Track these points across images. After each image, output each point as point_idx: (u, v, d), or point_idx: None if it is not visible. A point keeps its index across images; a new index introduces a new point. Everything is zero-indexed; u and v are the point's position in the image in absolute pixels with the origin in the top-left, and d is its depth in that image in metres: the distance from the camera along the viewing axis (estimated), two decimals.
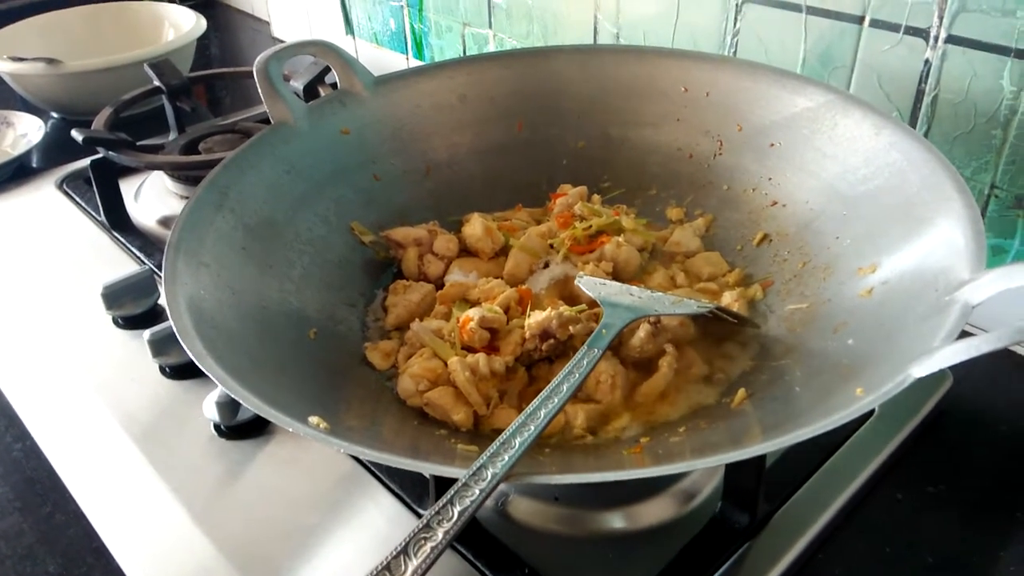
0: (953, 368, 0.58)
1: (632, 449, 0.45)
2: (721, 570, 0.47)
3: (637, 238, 0.62)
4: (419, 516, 0.51)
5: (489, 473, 0.37)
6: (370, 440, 0.39)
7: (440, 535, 0.34)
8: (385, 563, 0.33)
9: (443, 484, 0.47)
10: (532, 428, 0.39)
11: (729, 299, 0.56)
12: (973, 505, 0.53)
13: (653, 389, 0.51)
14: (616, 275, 0.59)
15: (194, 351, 0.41)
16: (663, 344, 0.53)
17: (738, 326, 0.54)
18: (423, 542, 0.34)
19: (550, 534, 0.50)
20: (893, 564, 0.49)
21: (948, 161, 0.49)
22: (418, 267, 0.62)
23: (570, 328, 0.52)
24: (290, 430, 0.38)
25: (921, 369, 0.36)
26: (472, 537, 0.49)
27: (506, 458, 0.37)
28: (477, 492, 0.36)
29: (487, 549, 0.49)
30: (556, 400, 0.42)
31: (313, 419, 0.39)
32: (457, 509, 0.35)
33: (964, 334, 0.37)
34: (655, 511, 0.51)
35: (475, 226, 0.62)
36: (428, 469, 0.38)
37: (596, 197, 0.67)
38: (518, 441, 0.38)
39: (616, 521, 0.51)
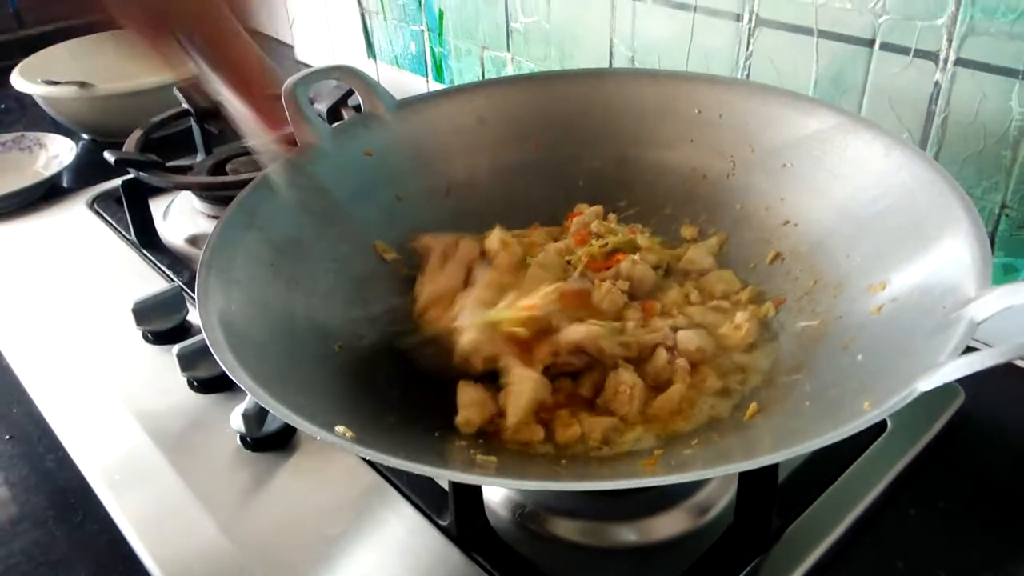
0: (965, 384, 0.60)
1: (647, 461, 0.46)
2: None
3: (652, 256, 0.63)
4: (439, 528, 0.52)
5: None
6: (392, 448, 0.40)
7: None
8: None
9: (461, 492, 0.49)
10: None
11: (741, 319, 0.57)
12: (986, 520, 0.53)
13: (668, 403, 0.52)
14: (632, 292, 0.60)
15: (226, 363, 0.43)
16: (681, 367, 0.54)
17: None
18: None
19: (567, 545, 0.51)
20: None
21: (956, 182, 0.50)
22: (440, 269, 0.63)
23: (603, 346, 0.53)
24: (318, 439, 0.39)
25: (927, 383, 0.37)
26: (490, 547, 0.50)
27: None
28: None
29: (505, 559, 0.50)
30: None
31: (339, 428, 0.41)
32: None
33: (971, 350, 0.38)
34: (670, 524, 0.52)
35: (493, 238, 0.63)
36: (448, 476, 0.39)
37: (612, 216, 0.69)
38: None
39: (631, 534, 0.52)
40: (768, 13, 0.72)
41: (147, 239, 0.86)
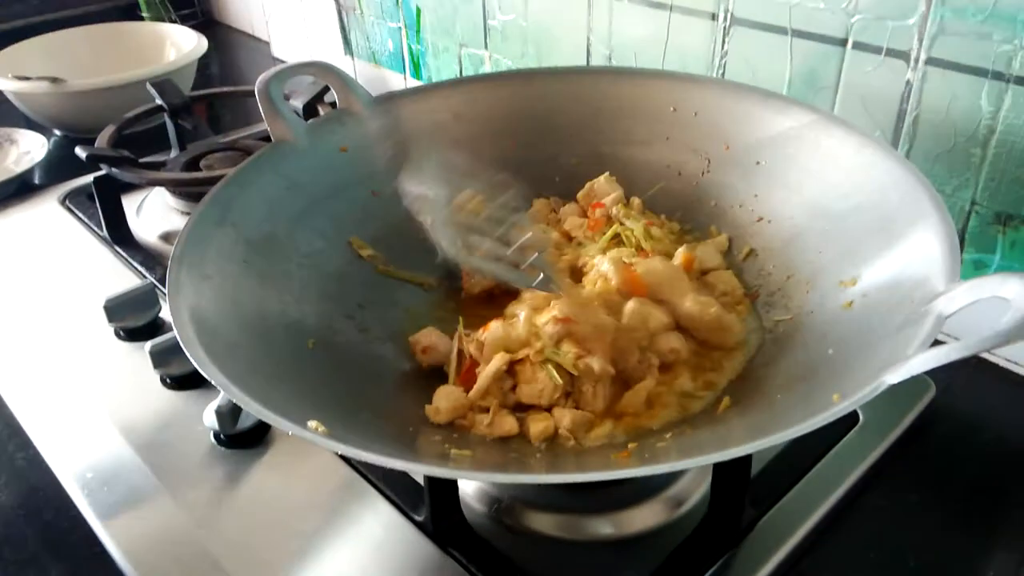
0: (936, 378, 0.61)
1: (620, 453, 0.46)
2: (708, 574, 0.48)
3: (660, 246, 0.62)
4: (414, 523, 0.52)
5: None
6: (366, 443, 0.40)
7: None
8: None
9: (436, 486, 0.49)
10: None
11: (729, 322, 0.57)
12: (955, 512, 0.54)
13: (635, 399, 0.52)
14: None
15: (197, 359, 0.43)
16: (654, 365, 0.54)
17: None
18: None
19: (543, 538, 0.51)
20: (876, 570, 0.50)
21: (926, 179, 0.51)
22: None
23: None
24: (290, 433, 0.39)
25: (894, 376, 0.37)
26: (466, 542, 0.50)
27: None
28: None
29: (481, 554, 0.50)
30: None
31: (311, 423, 0.40)
32: None
33: (939, 343, 0.39)
34: (644, 517, 0.52)
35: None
36: (422, 470, 0.39)
37: (636, 200, 0.67)
38: None
39: (607, 527, 0.52)
40: (743, 12, 0.73)
41: (120, 236, 0.85)
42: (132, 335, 0.70)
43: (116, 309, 0.70)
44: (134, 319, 0.71)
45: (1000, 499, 0.55)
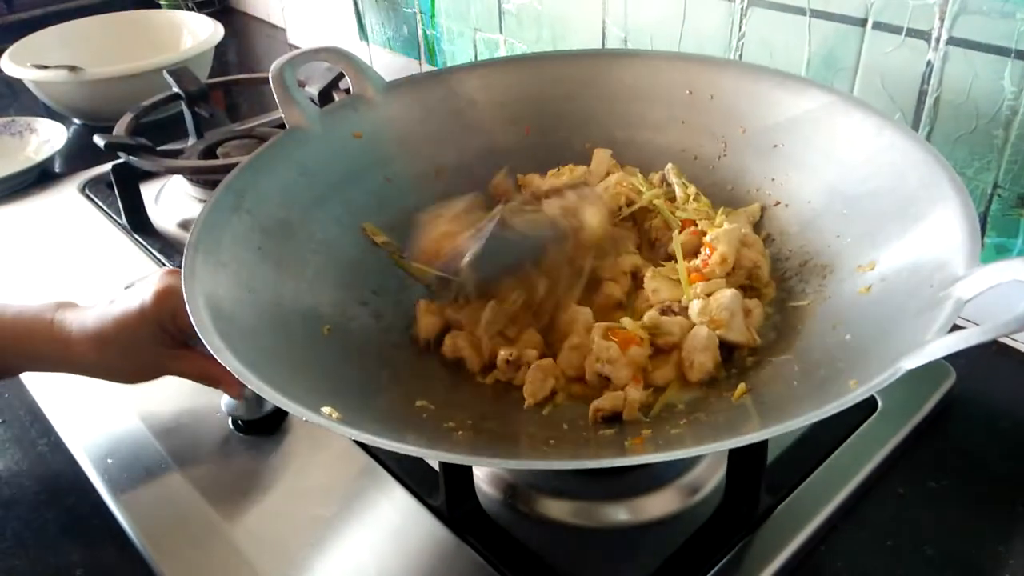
0: (956, 364, 0.60)
1: (634, 440, 0.46)
2: (724, 561, 0.48)
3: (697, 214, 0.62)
4: (430, 508, 0.52)
5: None
6: (380, 429, 0.40)
7: None
8: None
9: (451, 472, 0.49)
10: None
11: (750, 305, 0.56)
12: (975, 500, 0.54)
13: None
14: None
15: (213, 345, 0.43)
16: None
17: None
18: None
19: (558, 525, 0.52)
20: (894, 557, 0.50)
21: (946, 161, 0.50)
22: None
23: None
24: (304, 419, 0.39)
25: (911, 362, 0.37)
26: (481, 527, 0.51)
27: None
28: None
29: (497, 540, 0.50)
30: None
31: (326, 409, 0.41)
32: None
33: (958, 328, 0.38)
34: (660, 504, 0.52)
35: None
36: (437, 456, 0.39)
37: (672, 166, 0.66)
38: None
39: (622, 513, 0.52)
40: None
41: (138, 223, 0.86)
42: None
43: None
44: None
45: (1021, 486, 0.54)
